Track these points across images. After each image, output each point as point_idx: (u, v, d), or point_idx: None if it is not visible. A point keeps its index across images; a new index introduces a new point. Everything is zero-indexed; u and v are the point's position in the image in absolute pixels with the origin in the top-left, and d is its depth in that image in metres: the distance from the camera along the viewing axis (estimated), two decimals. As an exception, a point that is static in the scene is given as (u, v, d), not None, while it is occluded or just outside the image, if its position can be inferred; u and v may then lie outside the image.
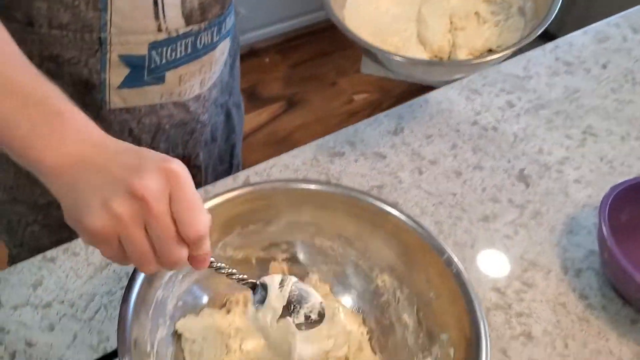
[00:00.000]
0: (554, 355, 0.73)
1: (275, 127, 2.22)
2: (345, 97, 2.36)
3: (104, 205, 0.47)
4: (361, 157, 0.92)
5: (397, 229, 0.67)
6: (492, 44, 0.85)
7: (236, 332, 0.64)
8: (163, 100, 0.81)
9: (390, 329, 0.68)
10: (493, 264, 0.81)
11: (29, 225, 0.89)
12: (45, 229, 0.89)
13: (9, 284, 0.72)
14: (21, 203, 0.87)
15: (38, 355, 0.67)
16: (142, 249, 0.49)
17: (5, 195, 0.87)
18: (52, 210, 0.87)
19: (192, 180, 0.50)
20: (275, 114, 2.27)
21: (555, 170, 0.94)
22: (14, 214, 0.89)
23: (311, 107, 2.32)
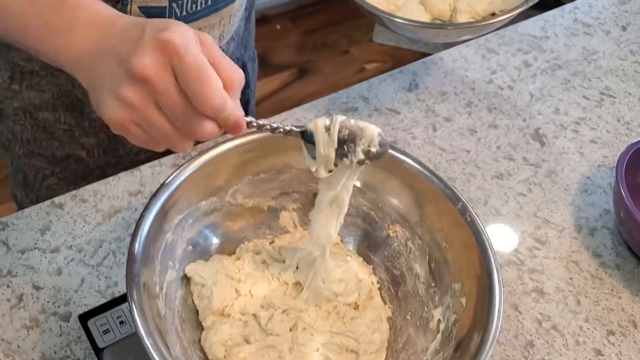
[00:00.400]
0: (565, 312, 0.72)
1: (286, 94, 2.19)
2: (357, 66, 2.33)
3: (114, 95, 0.46)
4: (375, 112, 0.90)
5: (410, 178, 0.65)
6: (496, 8, 0.84)
7: (246, 278, 0.63)
8: None
9: (401, 279, 0.67)
10: (506, 221, 0.80)
11: (46, 178, 0.89)
12: (63, 182, 0.89)
13: (17, 228, 0.71)
14: (39, 156, 0.87)
15: (45, 299, 0.66)
16: (164, 130, 0.47)
17: (23, 149, 0.86)
18: (70, 163, 0.86)
19: (195, 43, 0.46)
20: (287, 82, 2.24)
21: (571, 130, 0.92)
22: (31, 168, 0.88)
23: (322, 75, 2.29)
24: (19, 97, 0.81)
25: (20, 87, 0.80)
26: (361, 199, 0.69)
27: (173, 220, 0.62)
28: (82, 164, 0.87)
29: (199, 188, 0.64)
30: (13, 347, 0.62)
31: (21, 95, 0.80)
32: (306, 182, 0.69)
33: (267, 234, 0.70)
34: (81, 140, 0.84)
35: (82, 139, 0.84)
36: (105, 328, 0.64)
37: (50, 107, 0.81)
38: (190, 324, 0.61)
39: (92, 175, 0.87)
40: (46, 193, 0.89)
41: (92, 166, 0.87)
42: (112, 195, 0.76)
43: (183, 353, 0.56)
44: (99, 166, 0.87)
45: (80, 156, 0.86)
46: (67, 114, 0.81)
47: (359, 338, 0.61)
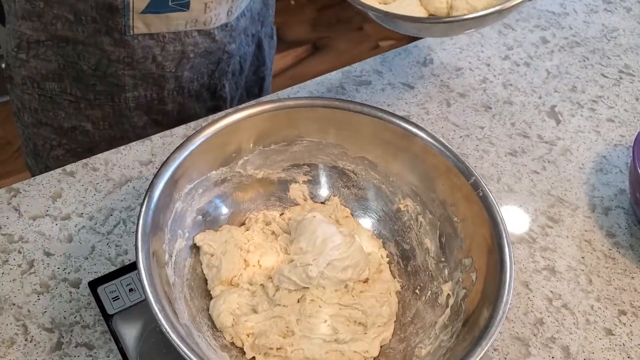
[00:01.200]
0: (577, 291, 0.72)
1: (299, 70, 2.18)
2: (371, 43, 2.31)
3: None
4: (388, 86, 0.89)
5: (423, 152, 0.65)
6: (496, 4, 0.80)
7: (255, 248, 0.63)
8: (188, 28, 0.79)
9: (410, 254, 0.66)
10: (519, 199, 0.79)
11: (53, 149, 0.89)
12: (69, 153, 0.89)
13: (28, 195, 0.72)
14: (46, 126, 0.87)
15: (56, 265, 0.67)
16: None
17: (31, 118, 0.87)
18: (76, 134, 0.87)
19: None
20: (300, 57, 2.23)
21: (588, 108, 0.90)
22: (39, 138, 0.89)
23: (336, 51, 2.27)
24: (26, 66, 0.81)
25: (27, 56, 0.80)
26: (372, 172, 0.68)
27: (183, 189, 0.61)
28: (87, 136, 0.87)
29: (209, 158, 0.63)
30: (24, 312, 0.63)
31: (28, 65, 0.80)
32: (317, 155, 0.69)
33: (277, 206, 0.69)
34: (87, 112, 0.84)
35: (88, 110, 0.84)
36: (114, 295, 0.64)
37: (56, 77, 0.81)
38: (199, 292, 0.61)
39: (98, 148, 0.87)
40: (54, 163, 0.90)
41: (98, 139, 0.87)
42: (123, 165, 0.76)
43: (191, 320, 0.57)
44: (104, 139, 0.87)
45: (85, 128, 0.86)
46: (72, 85, 0.81)
47: (367, 311, 0.60)
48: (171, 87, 0.85)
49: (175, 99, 0.86)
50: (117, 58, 0.79)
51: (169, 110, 0.87)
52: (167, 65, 0.82)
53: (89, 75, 0.80)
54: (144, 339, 0.61)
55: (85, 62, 0.79)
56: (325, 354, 0.58)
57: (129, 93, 0.83)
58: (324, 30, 2.33)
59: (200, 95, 0.89)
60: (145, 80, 0.82)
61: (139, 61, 0.80)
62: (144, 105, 0.85)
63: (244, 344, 0.58)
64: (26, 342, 0.61)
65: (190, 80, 0.86)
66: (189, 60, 0.83)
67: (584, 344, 0.67)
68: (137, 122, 0.86)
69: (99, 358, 0.61)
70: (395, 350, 0.60)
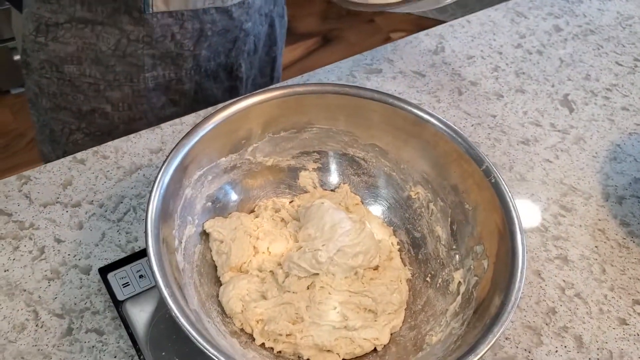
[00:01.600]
0: (590, 280, 0.71)
1: (309, 62, 2.17)
2: (382, 35, 2.30)
3: None
4: (399, 74, 0.88)
5: (434, 138, 0.64)
6: None
7: (264, 235, 0.63)
8: (206, 5, 0.79)
9: (421, 241, 0.66)
10: (531, 187, 0.78)
11: (72, 133, 0.89)
12: (88, 137, 0.89)
13: (39, 182, 0.72)
14: (65, 110, 0.87)
15: (66, 252, 0.67)
16: None
17: (49, 103, 0.87)
18: (95, 117, 0.87)
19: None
20: (310, 50, 2.22)
21: (602, 97, 0.89)
22: (57, 123, 0.89)
23: (347, 43, 2.26)
24: (45, 50, 0.81)
25: (46, 39, 0.80)
26: (383, 159, 0.68)
27: (193, 175, 0.61)
28: (107, 119, 0.87)
29: (219, 145, 0.63)
30: (34, 298, 0.63)
31: (47, 48, 0.80)
32: (327, 142, 0.69)
33: (286, 193, 0.69)
34: (106, 93, 0.84)
35: (107, 92, 0.84)
36: (124, 281, 0.64)
37: (75, 60, 0.81)
38: (209, 278, 0.61)
39: (117, 130, 0.87)
40: (72, 148, 0.90)
41: (117, 121, 0.87)
42: (133, 152, 0.75)
43: (201, 306, 0.56)
44: (123, 121, 0.87)
45: (105, 110, 0.86)
46: (91, 67, 0.81)
47: (377, 298, 0.60)
48: (189, 67, 0.85)
49: (193, 78, 0.87)
50: (136, 37, 0.79)
51: (186, 90, 0.88)
52: (185, 44, 0.82)
53: (108, 56, 0.81)
54: (154, 324, 0.61)
55: (104, 42, 0.79)
56: (335, 340, 0.57)
57: (148, 73, 0.83)
58: (334, 22, 2.32)
59: (217, 75, 0.90)
60: (164, 60, 0.82)
61: (157, 40, 0.80)
62: (162, 86, 0.85)
63: (253, 330, 0.58)
64: (37, 328, 0.61)
65: (208, 59, 0.86)
66: (207, 38, 0.83)
67: (597, 333, 0.67)
68: (156, 102, 0.87)
69: (109, 344, 0.61)
70: (405, 337, 0.60)
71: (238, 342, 0.57)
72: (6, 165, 1.82)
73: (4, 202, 0.70)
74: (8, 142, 1.88)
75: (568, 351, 0.65)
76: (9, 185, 0.71)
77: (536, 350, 0.65)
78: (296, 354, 0.58)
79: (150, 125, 0.87)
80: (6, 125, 1.92)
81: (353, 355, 0.59)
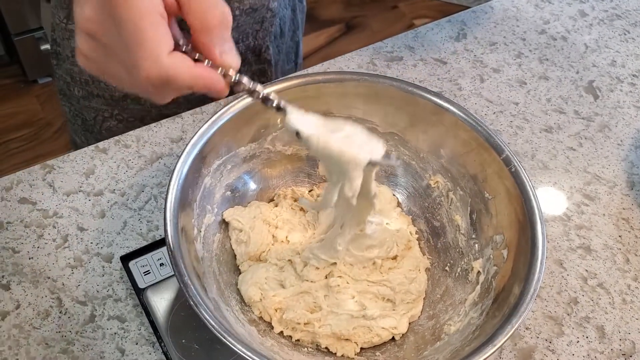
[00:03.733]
0: (613, 270, 0.70)
1: (332, 50, 2.16)
2: (406, 22, 2.28)
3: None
4: (420, 62, 0.88)
5: (454, 127, 0.63)
6: None
7: (283, 224, 0.63)
8: None
9: (441, 231, 0.66)
10: (554, 176, 0.77)
11: (105, 120, 0.90)
12: (122, 124, 0.90)
13: (62, 171, 0.73)
14: (97, 97, 0.88)
15: (89, 240, 0.68)
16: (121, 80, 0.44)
17: (82, 91, 0.88)
18: (128, 103, 0.88)
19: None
20: (334, 37, 2.21)
21: (628, 83, 0.87)
22: (90, 111, 0.90)
23: (370, 31, 2.25)
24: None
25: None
26: (402, 148, 0.68)
27: (212, 165, 0.61)
28: (139, 104, 0.87)
29: (238, 134, 0.63)
30: (58, 285, 0.64)
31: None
32: (346, 130, 0.68)
33: (305, 182, 0.69)
34: None
35: None
36: (145, 269, 0.65)
37: None
38: (228, 267, 0.62)
39: (150, 115, 0.88)
40: (106, 136, 0.91)
41: (149, 105, 0.88)
42: (154, 141, 0.76)
43: (220, 294, 0.57)
44: (155, 105, 0.88)
45: (137, 95, 0.86)
46: None
47: (395, 287, 0.60)
48: None
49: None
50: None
51: None
52: None
53: None
54: (174, 312, 0.61)
55: None
56: (353, 329, 0.58)
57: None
58: (357, 9, 2.30)
59: (245, 57, 0.90)
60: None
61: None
62: None
63: (272, 318, 0.59)
64: (60, 315, 0.62)
65: (236, 41, 0.86)
66: (234, 18, 0.83)
67: (620, 324, 0.66)
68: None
69: (130, 331, 0.62)
70: (424, 327, 0.60)
71: (256, 330, 0.57)
72: (34, 154, 1.85)
73: (29, 190, 0.71)
74: (36, 131, 1.92)
75: (590, 342, 0.64)
76: (33, 174, 0.72)
77: (557, 341, 0.64)
78: (314, 343, 0.58)
79: (180, 107, 0.88)
80: (34, 115, 1.95)
81: (371, 344, 0.59)
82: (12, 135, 1.90)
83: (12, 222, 0.68)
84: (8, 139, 1.89)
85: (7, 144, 1.88)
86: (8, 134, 1.90)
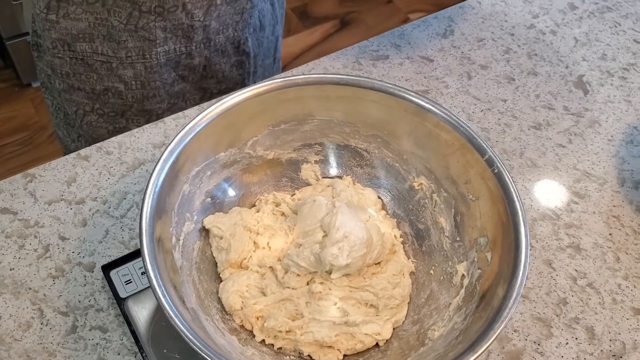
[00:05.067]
0: (603, 269, 0.69)
1: (327, 46, 2.15)
2: (401, 16, 2.26)
3: None
4: (406, 60, 0.86)
5: (436, 128, 0.62)
6: None
7: (264, 230, 0.62)
8: None
9: (425, 233, 0.65)
10: (543, 174, 0.76)
11: (86, 114, 0.90)
12: (102, 118, 0.90)
13: (44, 180, 0.72)
14: (78, 91, 0.87)
15: (70, 249, 0.67)
16: None
17: (63, 84, 0.87)
18: (108, 97, 0.87)
19: None
20: (328, 33, 2.20)
21: (618, 77, 0.86)
22: (71, 104, 0.89)
23: (365, 26, 2.23)
24: (57, 28, 0.81)
25: (57, 16, 0.80)
26: (385, 150, 0.67)
27: (190, 171, 0.61)
28: (120, 98, 0.87)
29: (218, 139, 0.62)
30: (39, 296, 0.64)
31: (58, 26, 0.80)
32: (328, 134, 0.67)
33: (288, 187, 0.68)
34: (119, 72, 0.84)
35: (120, 70, 0.84)
36: (127, 279, 0.64)
37: (87, 37, 0.81)
38: (209, 275, 0.61)
39: (130, 110, 0.88)
40: (87, 130, 0.91)
41: (131, 100, 0.87)
42: (136, 147, 0.75)
43: (199, 304, 0.56)
44: (137, 99, 0.87)
45: (118, 89, 0.86)
46: (104, 44, 0.81)
47: (379, 293, 0.59)
48: (199, 39, 0.85)
49: (202, 52, 0.87)
50: (148, 9, 0.79)
51: (195, 65, 0.88)
52: (195, 14, 0.82)
53: (120, 31, 0.80)
54: (155, 322, 0.61)
55: (116, 17, 0.79)
56: (335, 336, 0.57)
57: (160, 47, 0.83)
58: (352, 4, 2.29)
59: (225, 49, 0.90)
60: (175, 33, 0.82)
61: (169, 10, 0.80)
62: (173, 60, 0.86)
63: (253, 326, 0.58)
64: (42, 326, 0.62)
65: (217, 32, 0.86)
66: (216, 7, 0.83)
67: (610, 324, 0.65)
68: (167, 78, 0.87)
69: (112, 341, 0.61)
70: (408, 332, 0.59)
71: (237, 340, 0.56)
72: (30, 158, 1.85)
73: (10, 200, 0.70)
74: (30, 135, 1.91)
75: (579, 343, 0.63)
76: (15, 183, 0.71)
77: (546, 343, 0.63)
78: (296, 351, 0.57)
79: (162, 102, 0.87)
80: (28, 119, 1.95)
81: (354, 350, 0.58)
82: (7, 139, 1.89)
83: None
84: (3, 143, 1.88)
85: (2, 148, 1.87)
86: (3, 138, 1.89)
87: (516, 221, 0.56)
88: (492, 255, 0.57)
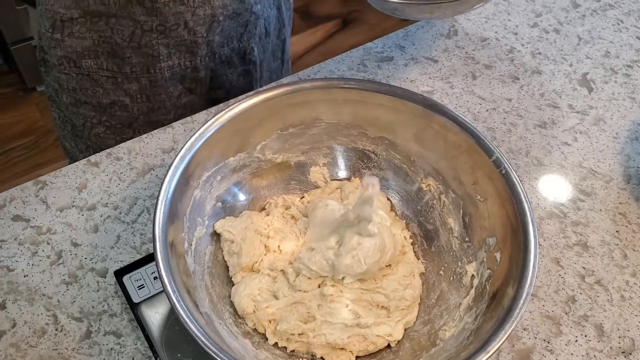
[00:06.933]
0: (611, 266, 0.69)
1: (329, 46, 2.15)
2: (403, 14, 2.26)
3: None
4: (411, 61, 0.87)
5: (443, 129, 0.63)
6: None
7: (275, 233, 0.63)
8: None
9: (434, 234, 0.65)
10: (549, 172, 0.77)
11: (94, 127, 0.91)
12: (110, 130, 0.91)
13: (55, 186, 0.73)
14: (85, 105, 0.88)
15: (83, 255, 0.68)
16: None
17: (70, 98, 0.88)
18: (115, 110, 0.88)
19: None
20: (330, 33, 2.20)
21: (622, 74, 0.86)
22: (78, 117, 0.90)
23: (367, 26, 2.23)
24: (62, 46, 0.82)
25: (62, 35, 0.81)
26: (393, 152, 0.67)
27: (201, 177, 0.61)
28: (126, 111, 0.88)
29: (227, 144, 0.63)
30: (53, 302, 0.64)
31: (64, 44, 0.82)
32: (336, 137, 0.68)
33: (297, 190, 0.69)
34: (124, 86, 0.85)
35: (125, 84, 0.85)
36: (140, 283, 0.65)
37: (92, 54, 0.82)
38: (221, 279, 0.61)
39: (137, 122, 0.88)
40: (95, 142, 0.91)
41: (137, 112, 0.88)
42: (145, 153, 0.76)
43: (212, 308, 0.57)
44: (143, 112, 0.88)
45: (124, 102, 0.87)
46: (108, 61, 0.82)
47: (390, 294, 0.59)
48: (203, 54, 0.86)
49: (208, 65, 0.88)
50: (150, 27, 0.79)
51: (201, 78, 0.89)
52: (198, 30, 0.82)
53: (123, 48, 0.81)
54: (169, 326, 0.61)
55: (119, 35, 0.80)
56: (348, 338, 0.57)
57: (164, 63, 0.84)
58: (353, 4, 2.29)
59: (231, 60, 0.90)
60: (179, 49, 0.83)
61: (171, 28, 0.80)
62: (178, 74, 0.86)
63: (266, 330, 0.58)
64: (56, 332, 0.62)
65: (221, 45, 0.87)
66: (219, 23, 0.83)
67: (619, 321, 0.65)
68: (173, 91, 0.88)
69: (126, 345, 0.62)
70: (419, 332, 0.60)
71: (250, 343, 0.57)
72: (35, 162, 1.86)
73: (22, 207, 0.71)
74: (36, 139, 1.92)
75: (588, 340, 0.64)
76: (26, 190, 0.72)
77: (555, 341, 0.64)
78: (309, 353, 0.58)
79: (169, 114, 0.88)
80: (34, 123, 1.96)
81: (367, 352, 0.59)
82: (13, 144, 1.90)
83: (6, 240, 0.68)
84: (9, 147, 1.89)
85: (8, 153, 1.88)
86: (9, 142, 1.90)
87: (525, 221, 0.56)
88: (502, 255, 0.58)
